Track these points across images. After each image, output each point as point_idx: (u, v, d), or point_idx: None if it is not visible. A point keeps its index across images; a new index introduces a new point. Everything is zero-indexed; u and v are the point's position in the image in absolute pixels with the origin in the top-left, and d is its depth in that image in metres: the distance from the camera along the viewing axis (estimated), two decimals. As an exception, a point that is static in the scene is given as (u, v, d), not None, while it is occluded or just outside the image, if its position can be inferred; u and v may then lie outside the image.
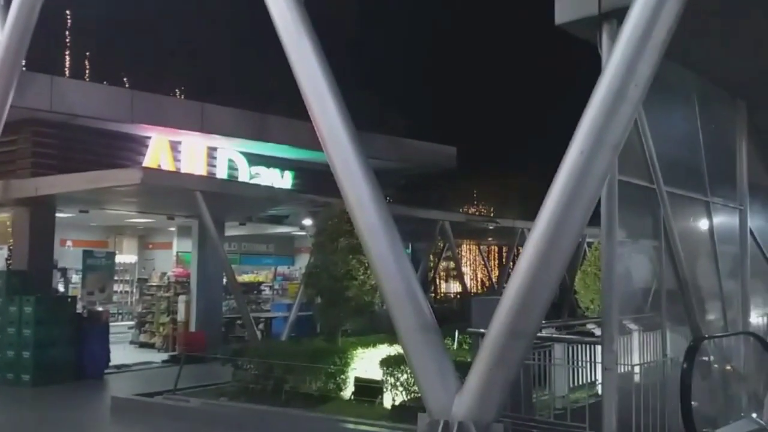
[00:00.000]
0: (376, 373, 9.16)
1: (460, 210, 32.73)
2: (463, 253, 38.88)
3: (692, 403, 6.11)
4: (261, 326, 16.34)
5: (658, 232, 6.74)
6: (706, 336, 7.00)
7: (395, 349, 9.73)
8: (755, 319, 8.70)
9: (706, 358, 7.16)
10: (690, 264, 7.14)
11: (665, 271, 6.78)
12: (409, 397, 8.44)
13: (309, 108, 6.05)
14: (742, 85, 8.14)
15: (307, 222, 16.25)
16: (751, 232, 8.68)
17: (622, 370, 5.72)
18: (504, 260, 32.35)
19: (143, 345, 16.53)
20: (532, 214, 4.84)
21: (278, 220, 17.30)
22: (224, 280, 15.63)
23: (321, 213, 12.85)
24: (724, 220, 8.26)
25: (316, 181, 16.54)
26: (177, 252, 19.60)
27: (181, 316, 15.58)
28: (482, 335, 5.09)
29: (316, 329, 13.95)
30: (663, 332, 6.62)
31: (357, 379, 9.38)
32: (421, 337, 5.34)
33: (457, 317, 14.79)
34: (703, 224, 7.91)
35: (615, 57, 5.02)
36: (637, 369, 6.02)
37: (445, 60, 37.17)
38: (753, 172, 8.75)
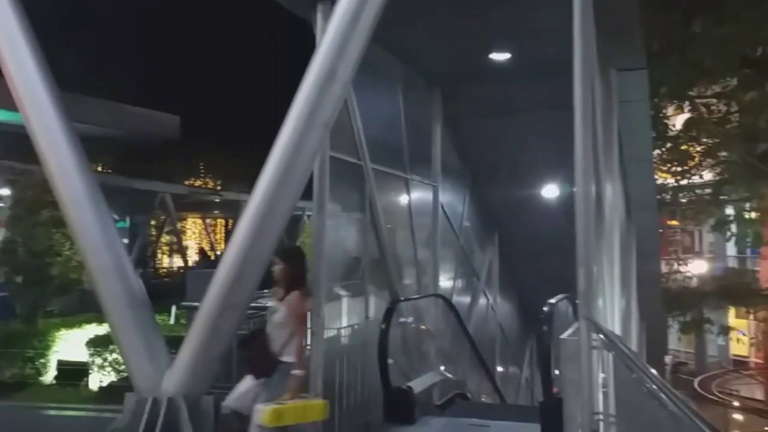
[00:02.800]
0: (82, 355, 8.58)
1: (185, 182, 31.71)
2: (188, 227, 37.78)
3: (389, 360, 6.80)
4: (-57, 310, 14.19)
5: (365, 206, 7.31)
6: (403, 299, 7.81)
7: (105, 329, 9.21)
8: (444, 282, 9.92)
9: (402, 319, 7.98)
10: (391, 235, 7.88)
11: (369, 242, 7.40)
12: (118, 377, 8.07)
13: (2, 62, 5.33)
14: (437, 75, 9.13)
15: (4, 192, 14.43)
16: (442, 207, 9.85)
17: (330, 334, 6.12)
18: (229, 233, 32.24)
19: None
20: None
21: (-35, 189, 15.08)
22: None
23: (19, 182, 11.54)
24: (420, 195, 9.25)
25: (14, 145, 14.72)
26: None
27: None
28: (197, 309, 5.03)
29: (14, 311, 12.58)
30: (366, 297, 7.23)
31: (60, 362, 8.69)
32: (130, 313, 5.10)
33: (177, 292, 14.42)
34: (403, 199, 8.77)
35: (327, 37, 5.20)
36: (343, 332, 6.50)
37: (176, 28, 35.38)
38: (445, 153, 9.88)
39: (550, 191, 11.16)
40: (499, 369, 12.34)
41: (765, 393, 25.05)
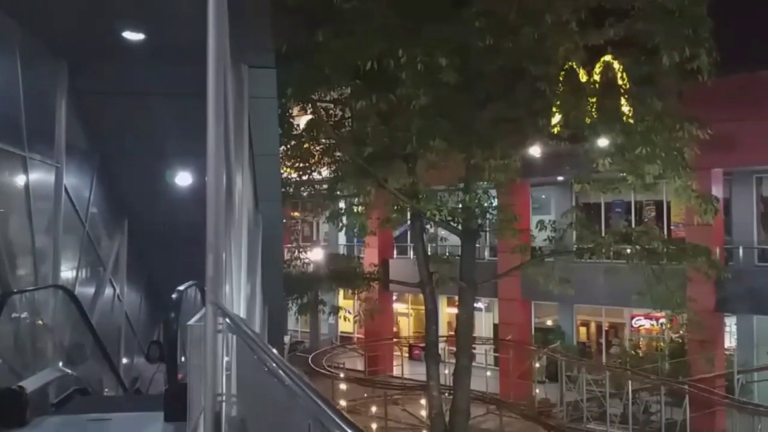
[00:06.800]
0: None
1: None
2: None
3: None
4: None
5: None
6: (15, 291, 7.06)
7: None
8: (66, 272, 9.22)
9: (15, 314, 7.22)
10: (2, 220, 7.05)
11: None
12: None
13: None
14: (65, 45, 8.42)
15: None
16: (66, 190, 9.12)
17: None
18: None
19: None
20: None
21: None
22: None
23: None
24: (40, 176, 8.43)
25: None
26: None
27: None
28: None
29: None
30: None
31: None
32: None
33: None
34: (20, 179, 7.89)
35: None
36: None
37: None
38: (71, 131, 9.17)
39: (184, 179, 11.16)
40: (125, 361, 11.93)
41: (364, 364, 28.82)
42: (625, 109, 14.78)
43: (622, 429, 18.84)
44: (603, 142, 14.58)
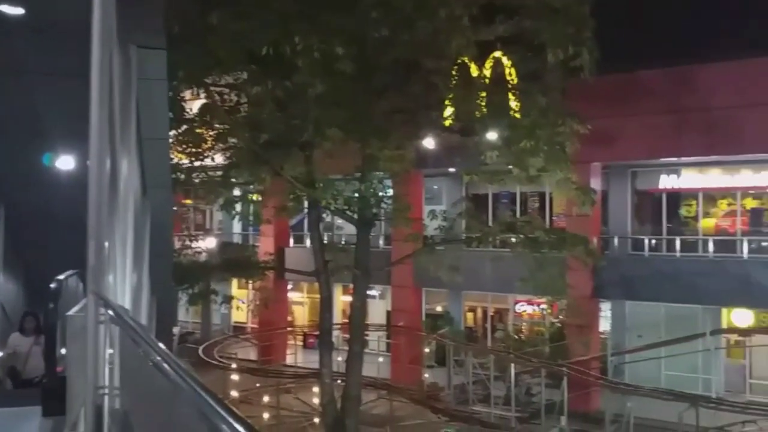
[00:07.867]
0: None
1: None
2: None
3: None
4: None
5: None
6: None
7: None
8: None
9: None
10: None
11: None
12: None
13: None
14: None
15: None
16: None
17: None
18: None
19: None
20: None
21: None
22: None
23: None
24: None
25: None
26: None
27: None
28: None
29: None
30: None
31: None
32: None
33: None
34: None
35: None
36: None
37: None
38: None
39: (65, 163, 10.58)
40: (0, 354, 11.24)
41: (257, 354, 28.55)
42: (513, 103, 15.42)
43: (505, 410, 19.72)
44: (491, 135, 15.14)
